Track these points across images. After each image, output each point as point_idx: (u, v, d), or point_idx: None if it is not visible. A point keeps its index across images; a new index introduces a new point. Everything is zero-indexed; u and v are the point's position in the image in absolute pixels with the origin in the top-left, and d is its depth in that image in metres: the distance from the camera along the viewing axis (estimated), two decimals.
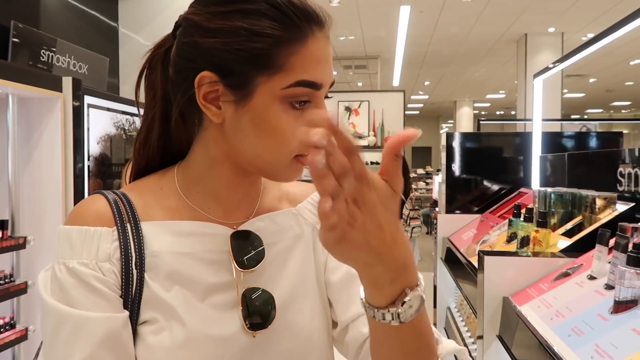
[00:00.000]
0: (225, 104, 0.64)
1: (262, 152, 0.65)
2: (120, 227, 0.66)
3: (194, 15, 0.65)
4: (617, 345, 0.90)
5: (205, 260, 0.68)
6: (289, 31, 0.62)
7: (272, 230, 0.74)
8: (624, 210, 1.47)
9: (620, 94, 16.07)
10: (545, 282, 1.35)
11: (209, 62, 0.63)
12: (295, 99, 0.63)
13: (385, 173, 0.53)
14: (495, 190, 2.92)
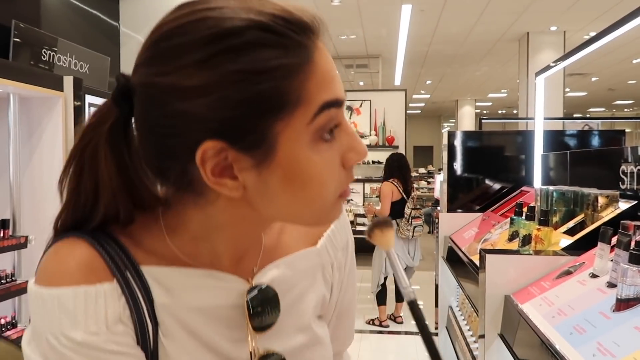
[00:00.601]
0: (242, 172, 0.51)
1: (302, 207, 0.54)
2: (122, 278, 0.54)
3: (160, 78, 0.49)
4: (619, 343, 0.90)
5: (218, 316, 0.59)
6: (294, 54, 0.49)
7: (289, 276, 0.65)
8: (626, 209, 1.46)
9: (622, 93, 16.03)
10: (547, 280, 1.35)
11: (208, 129, 0.49)
12: (324, 130, 0.52)
13: None
14: (497, 189, 2.92)
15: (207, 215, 0.56)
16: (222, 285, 0.59)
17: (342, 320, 0.75)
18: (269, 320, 0.61)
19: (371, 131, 9.49)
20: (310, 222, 0.58)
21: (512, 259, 1.43)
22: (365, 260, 5.00)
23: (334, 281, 0.71)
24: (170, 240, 0.58)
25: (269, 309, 0.61)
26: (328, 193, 0.54)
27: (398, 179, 4.71)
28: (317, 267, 0.69)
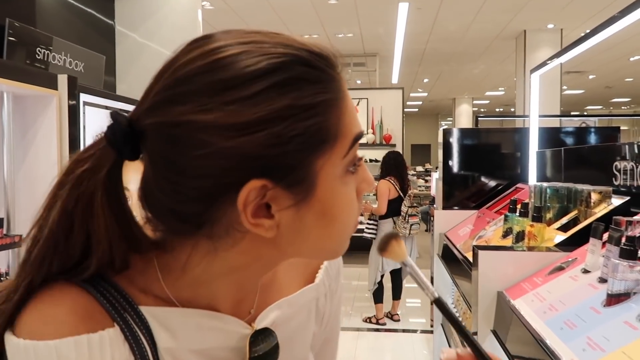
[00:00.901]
0: (280, 211, 0.49)
1: (328, 241, 0.54)
2: (123, 322, 0.51)
3: (198, 115, 0.45)
4: (608, 337, 0.90)
5: (217, 358, 0.56)
6: (331, 89, 0.49)
7: (289, 315, 0.64)
8: (619, 205, 1.47)
9: (619, 91, 16.06)
10: (539, 276, 1.35)
11: (254, 168, 0.46)
12: (352, 162, 0.52)
13: None
14: (493, 186, 2.92)
15: (219, 260, 0.53)
16: (223, 327, 0.56)
17: (327, 345, 0.74)
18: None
19: (368, 129, 9.49)
20: (329, 255, 0.57)
21: (505, 255, 1.43)
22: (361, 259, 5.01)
23: (326, 310, 0.71)
24: (166, 285, 0.54)
25: (269, 356, 0.59)
26: (351, 225, 0.54)
27: (395, 177, 4.72)
28: (312, 302, 0.68)
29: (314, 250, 0.54)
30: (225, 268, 0.54)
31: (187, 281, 0.55)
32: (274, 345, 0.60)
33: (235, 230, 0.50)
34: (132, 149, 0.50)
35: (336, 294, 0.73)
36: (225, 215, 0.49)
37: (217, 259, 0.53)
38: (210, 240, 0.51)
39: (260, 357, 0.59)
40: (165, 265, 0.55)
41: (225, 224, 0.49)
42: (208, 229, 0.50)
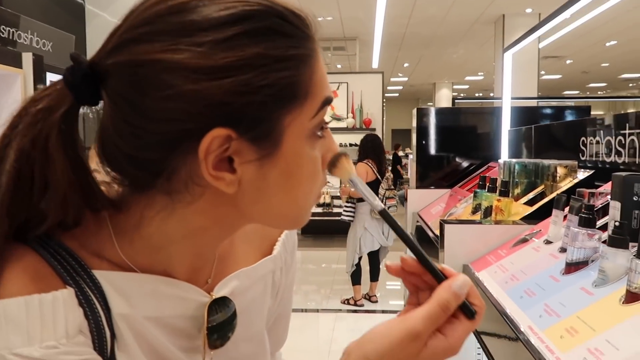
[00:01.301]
0: (243, 165, 0.48)
1: (290, 207, 0.52)
2: (75, 286, 0.48)
3: (167, 54, 0.44)
4: (565, 303, 0.90)
5: (174, 326, 0.55)
6: (304, 47, 0.49)
7: (245, 286, 0.62)
8: (583, 178, 1.48)
9: (596, 76, 16.28)
10: (504, 248, 1.36)
11: (219, 115, 0.45)
12: (320, 126, 0.51)
13: None
14: (467, 166, 2.93)
15: (177, 220, 0.51)
16: (181, 294, 0.55)
17: (279, 321, 0.73)
18: (225, 337, 0.59)
19: (348, 114, 9.47)
20: (289, 223, 0.56)
21: (471, 228, 1.43)
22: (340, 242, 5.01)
23: (281, 284, 0.70)
24: (120, 248, 0.52)
25: (227, 325, 0.58)
26: (314, 192, 0.53)
27: (372, 160, 4.72)
28: (269, 275, 0.67)
29: (275, 215, 0.53)
30: (183, 230, 0.52)
31: (142, 244, 0.53)
32: (231, 315, 0.59)
33: (194, 184, 0.48)
34: (91, 93, 0.48)
35: (291, 269, 0.72)
36: (185, 166, 0.47)
37: (174, 218, 0.51)
38: (168, 196, 0.50)
39: (216, 327, 0.58)
40: (119, 225, 0.52)
41: (185, 176, 0.48)
42: (166, 182, 0.48)
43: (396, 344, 0.48)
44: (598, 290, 0.88)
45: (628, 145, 1.36)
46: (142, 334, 0.52)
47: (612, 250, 0.87)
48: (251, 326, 0.64)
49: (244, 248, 0.65)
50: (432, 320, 0.49)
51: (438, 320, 0.49)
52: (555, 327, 0.85)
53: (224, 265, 0.61)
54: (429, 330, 0.49)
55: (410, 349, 0.49)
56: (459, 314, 0.50)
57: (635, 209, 0.96)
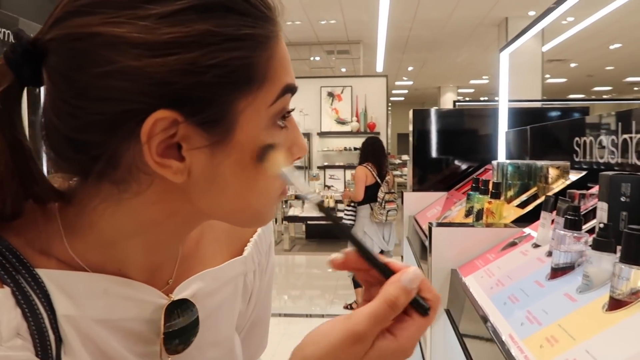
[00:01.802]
0: (192, 152, 0.44)
1: (247, 202, 0.48)
2: (13, 284, 0.44)
3: (107, 27, 0.41)
4: (547, 310, 0.86)
5: (127, 330, 0.51)
6: (262, 27, 0.45)
7: (211, 288, 0.58)
8: (576, 179, 1.43)
9: (601, 79, 16.15)
10: (493, 252, 1.31)
11: (162, 96, 0.42)
12: (280, 115, 0.48)
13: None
14: (465, 168, 2.88)
15: (127, 213, 0.48)
16: (135, 295, 0.51)
17: (255, 328, 0.69)
18: (185, 343, 0.54)
19: (352, 117, 9.44)
20: (247, 221, 0.52)
21: (459, 231, 1.38)
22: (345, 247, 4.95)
23: (254, 288, 0.66)
24: (70, 245, 0.48)
25: (187, 331, 0.54)
26: (274, 188, 0.49)
27: (372, 163, 4.67)
28: (239, 277, 0.62)
29: (231, 210, 0.49)
30: (134, 223, 0.49)
31: (93, 240, 0.49)
32: (194, 320, 0.55)
33: (140, 172, 0.45)
34: (33, 72, 0.45)
35: (266, 272, 0.68)
36: (129, 151, 0.44)
37: (124, 211, 0.48)
38: (115, 186, 0.46)
39: (177, 331, 0.53)
40: (69, 219, 0.49)
41: (129, 163, 0.45)
42: (111, 169, 0.45)
43: (337, 346, 0.44)
44: (582, 296, 0.83)
45: (621, 145, 1.32)
46: (91, 337, 0.48)
47: (597, 254, 0.82)
48: (219, 331, 0.60)
49: (212, 248, 0.61)
50: (378, 319, 0.44)
51: (385, 320, 0.44)
52: (536, 336, 0.81)
53: (188, 265, 0.57)
54: (374, 331, 0.44)
55: (354, 352, 0.44)
56: (411, 311, 0.46)
57: (623, 210, 0.92)
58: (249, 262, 0.63)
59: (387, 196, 4.55)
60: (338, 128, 9.41)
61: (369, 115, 9.46)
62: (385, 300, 0.44)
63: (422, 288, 0.46)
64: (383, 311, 0.44)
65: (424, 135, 2.90)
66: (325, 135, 9.39)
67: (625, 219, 0.92)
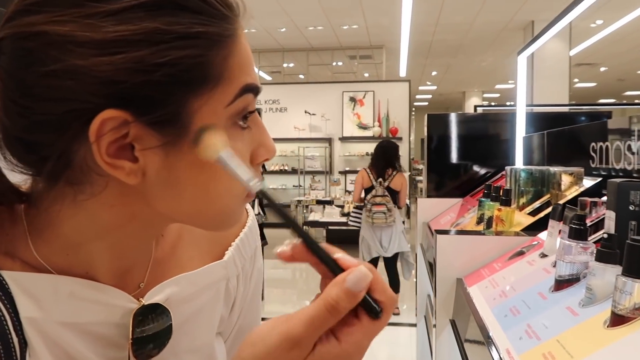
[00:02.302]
0: (145, 153, 0.43)
1: (207, 204, 0.47)
2: None
3: (53, 26, 0.40)
4: (547, 325, 0.81)
5: (95, 334, 0.50)
6: (217, 25, 0.44)
7: (189, 294, 0.56)
8: (590, 186, 1.37)
9: (632, 83, 15.71)
10: (500, 261, 1.26)
11: (110, 95, 0.41)
12: (240, 115, 0.46)
13: None
14: (482, 174, 2.82)
15: (86, 215, 0.47)
16: (103, 299, 0.50)
17: (243, 335, 0.65)
18: (153, 349, 0.53)
19: (374, 122, 9.39)
20: (210, 224, 0.50)
21: (464, 239, 1.33)
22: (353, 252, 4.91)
23: (237, 295, 0.63)
24: (35, 247, 0.48)
25: (161, 336, 0.53)
26: (237, 189, 0.47)
27: (372, 167, 4.65)
28: (221, 282, 0.60)
29: (191, 213, 0.48)
30: (95, 226, 0.48)
31: (58, 243, 0.48)
32: (166, 331, 0.53)
33: (93, 173, 0.44)
34: None
35: (252, 278, 0.66)
36: (79, 152, 0.43)
37: (83, 213, 0.47)
38: (71, 188, 0.46)
39: (148, 337, 0.52)
40: (34, 222, 0.49)
41: (81, 164, 0.44)
42: (64, 170, 0.44)
43: (273, 351, 0.41)
44: (584, 310, 0.78)
45: (638, 151, 1.25)
46: (56, 340, 0.47)
47: (601, 266, 0.78)
48: (197, 337, 0.58)
49: (190, 252, 0.59)
50: (316, 324, 0.41)
51: (324, 324, 0.41)
52: (533, 352, 0.76)
53: (163, 269, 0.56)
54: (312, 336, 0.41)
55: (290, 357, 0.41)
56: (360, 314, 0.42)
57: (632, 219, 0.86)
58: (231, 267, 0.61)
59: (375, 199, 4.50)
60: (360, 133, 9.37)
61: (391, 120, 9.40)
62: (325, 304, 0.41)
63: (374, 288, 0.43)
64: (322, 315, 0.41)
65: (440, 141, 2.85)
66: (347, 140, 9.36)
67: (634, 229, 0.86)
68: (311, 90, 9.68)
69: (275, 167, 9.65)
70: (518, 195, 1.62)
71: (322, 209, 7.75)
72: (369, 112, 9.54)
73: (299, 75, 12.92)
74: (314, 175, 9.19)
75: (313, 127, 9.46)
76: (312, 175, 9.20)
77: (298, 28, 9.43)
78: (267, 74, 12.62)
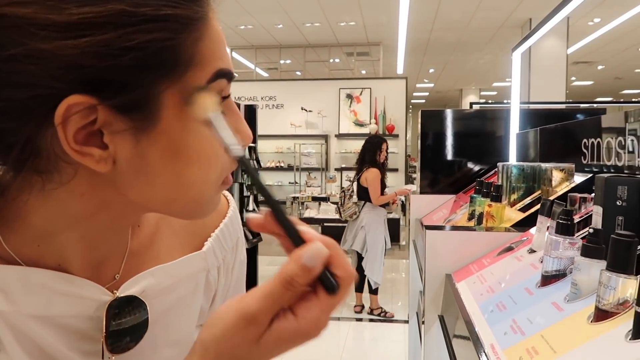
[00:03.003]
0: (115, 139, 0.42)
1: (180, 192, 0.46)
2: None
3: (13, 7, 0.38)
4: (532, 320, 0.80)
5: (67, 327, 0.49)
6: (187, 7, 0.42)
7: (166, 286, 0.55)
8: (580, 182, 1.36)
9: (630, 82, 15.73)
10: (488, 257, 1.25)
11: (75, 80, 0.39)
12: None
13: None
14: (476, 170, 2.81)
15: (56, 204, 0.46)
16: (75, 291, 0.49)
17: None
18: (130, 342, 0.52)
19: (371, 119, 9.37)
20: (184, 212, 0.49)
21: (453, 235, 1.33)
22: None
23: (219, 287, 0.62)
24: (4, 238, 0.47)
25: (139, 329, 0.52)
26: (211, 177, 0.47)
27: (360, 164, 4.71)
28: (200, 273, 0.59)
29: (165, 201, 0.47)
30: (65, 216, 0.47)
31: (28, 235, 0.48)
32: (142, 325, 0.52)
33: (60, 160, 0.43)
34: None
35: (234, 270, 0.65)
36: (46, 138, 0.42)
37: (52, 203, 0.46)
38: (39, 176, 0.44)
39: (124, 330, 0.51)
40: (2, 212, 0.47)
41: (48, 151, 0.43)
42: (35, 160, 0.43)
43: (230, 328, 0.42)
44: (569, 305, 0.78)
45: (628, 148, 1.25)
46: (26, 333, 0.46)
47: (586, 261, 0.77)
48: (176, 330, 0.57)
49: (168, 244, 0.58)
50: (271, 299, 0.41)
51: (279, 300, 0.41)
52: (517, 347, 0.76)
53: (139, 261, 0.55)
54: (268, 312, 0.41)
55: (248, 334, 0.42)
56: (318, 289, 0.43)
57: (619, 214, 0.86)
58: (210, 258, 0.61)
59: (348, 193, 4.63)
60: (356, 130, 9.36)
61: (388, 117, 9.38)
62: (280, 279, 0.41)
63: (333, 263, 0.43)
64: (277, 290, 0.41)
65: (434, 138, 2.84)
66: (343, 137, 9.35)
67: (621, 224, 0.86)
68: (308, 87, 9.66)
69: (271, 163, 9.63)
70: (509, 191, 1.61)
71: (318, 206, 7.74)
72: (365, 109, 9.53)
73: (295, 72, 12.89)
74: (309, 172, 9.18)
75: (309, 123, 9.45)
76: (308, 172, 9.19)
77: (295, 24, 9.40)
78: (263, 70, 12.59)
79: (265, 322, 0.42)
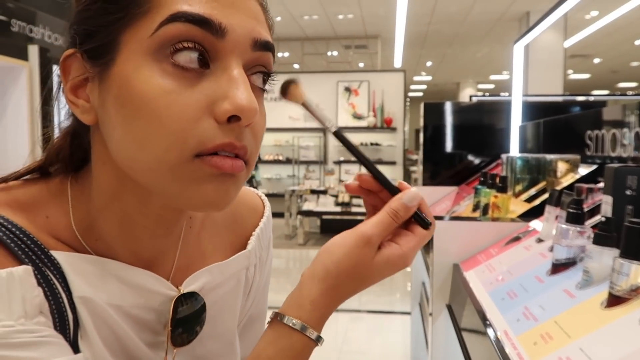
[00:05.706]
0: (92, 90, 0.45)
1: (139, 150, 0.43)
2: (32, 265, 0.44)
3: None
4: (545, 307, 0.82)
5: (136, 317, 0.51)
6: None
7: (217, 281, 0.58)
8: (585, 174, 1.38)
9: (626, 75, 15.77)
10: (496, 247, 1.27)
11: (73, 32, 0.46)
12: (173, 47, 0.41)
13: None
14: (478, 162, 2.83)
15: (95, 177, 0.49)
16: (145, 284, 0.51)
17: (253, 324, 0.68)
18: (192, 331, 0.55)
19: (369, 112, 9.37)
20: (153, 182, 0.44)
21: (461, 225, 1.34)
22: None
23: (254, 282, 0.65)
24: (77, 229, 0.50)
25: (193, 320, 0.55)
26: (168, 138, 0.41)
27: None
28: (242, 271, 0.62)
29: (125, 159, 0.45)
30: (102, 191, 0.49)
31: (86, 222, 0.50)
32: (199, 309, 0.55)
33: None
34: None
35: (266, 266, 0.67)
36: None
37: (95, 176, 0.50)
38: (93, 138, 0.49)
39: (182, 319, 0.54)
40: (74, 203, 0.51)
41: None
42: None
43: (350, 250, 0.50)
44: (581, 292, 0.79)
45: (634, 139, 1.26)
46: (105, 319, 0.49)
47: (598, 249, 0.79)
48: (220, 324, 0.60)
49: (214, 242, 0.61)
50: (382, 226, 0.51)
51: (388, 227, 0.51)
52: (531, 333, 0.77)
53: (189, 259, 0.57)
54: (380, 235, 0.51)
55: (364, 255, 0.50)
56: (413, 227, 0.53)
57: (628, 203, 0.87)
58: (252, 256, 0.63)
59: None
60: (354, 123, 9.37)
61: (386, 110, 9.39)
62: (388, 212, 0.51)
63: (422, 208, 0.53)
64: (386, 220, 0.51)
65: (436, 130, 2.85)
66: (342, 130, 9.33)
67: (630, 213, 0.88)
68: (306, 80, 9.53)
69: (269, 156, 9.63)
70: (514, 182, 1.63)
71: (317, 199, 7.75)
72: (363, 102, 9.53)
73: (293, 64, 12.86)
74: (308, 165, 9.18)
75: (308, 117, 9.44)
76: (307, 165, 9.19)
77: (293, 17, 9.36)
78: None
79: (377, 245, 0.51)
